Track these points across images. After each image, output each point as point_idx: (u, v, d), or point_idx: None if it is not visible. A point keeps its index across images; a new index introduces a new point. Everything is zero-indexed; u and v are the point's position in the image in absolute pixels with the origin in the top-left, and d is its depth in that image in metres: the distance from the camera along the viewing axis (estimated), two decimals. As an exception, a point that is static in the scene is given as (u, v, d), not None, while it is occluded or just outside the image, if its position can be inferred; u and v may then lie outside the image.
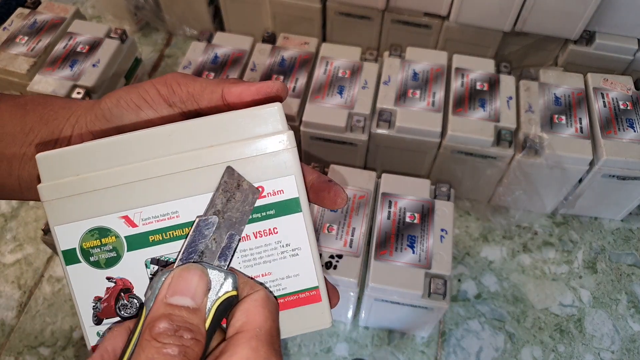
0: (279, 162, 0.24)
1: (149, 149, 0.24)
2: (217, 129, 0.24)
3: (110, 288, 0.25)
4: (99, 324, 0.25)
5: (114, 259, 0.24)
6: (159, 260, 0.25)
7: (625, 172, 0.66)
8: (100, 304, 0.25)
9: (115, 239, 0.24)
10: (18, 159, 0.27)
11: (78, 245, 0.24)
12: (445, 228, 0.59)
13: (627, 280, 0.73)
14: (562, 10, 0.75)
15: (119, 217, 0.24)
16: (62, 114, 0.27)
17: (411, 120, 0.67)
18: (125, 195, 0.24)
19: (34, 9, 0.82)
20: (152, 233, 0.24)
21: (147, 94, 0.27)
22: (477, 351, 0.67)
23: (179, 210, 0.24)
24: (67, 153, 0.24)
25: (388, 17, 0.84)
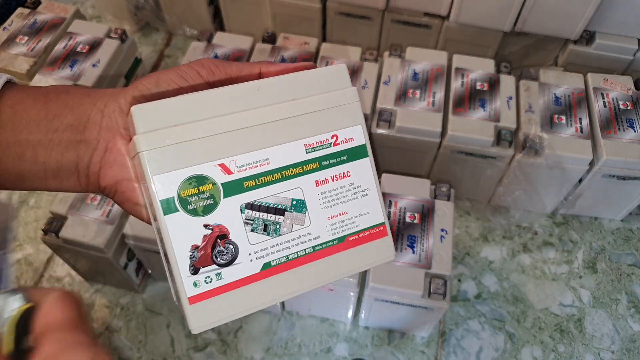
0: (349, 113, 0.28)
1: (240, 101, 0.26)
2: (297, 84, 0.27)
3: (207, 235, 0.25)
4: (195, 273, 0.25)
5: (211, 205, 0.25)
6: (253, 204, 0.26)
7: (625, 172, 0.66)
8: (197, 252, 0.25)
9: (212, 186, 0.25)
10: (44, 146, 0.26)
11: (176, 194, 0.24)
12: (445, 228, 0.59)
13: (627, 280, 0.73)
14: (562, 10, 0.75)
15: (216, 165, 0.25)
16: (86, 100, 0.27)
17: (411, 120, 0.67)
18: (220, 144, 0.25)
19: (34, 9, 0.82)
20: (247, 179, 0.26)
21: (187, 74, 0.28)
22: (477, 351, 0.67)
23: (269, 157, 0.26)
24: (163, 105, 0.25)
25: (388, 17, 0.84)
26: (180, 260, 0.24)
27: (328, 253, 0.27)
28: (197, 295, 0.25)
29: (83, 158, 0.27)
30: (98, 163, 0.27)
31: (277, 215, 0.26)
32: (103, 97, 0.27)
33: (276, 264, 0.26)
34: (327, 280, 0.27)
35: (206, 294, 0.25)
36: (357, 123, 0.28)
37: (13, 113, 0.26)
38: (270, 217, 0.26)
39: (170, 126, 0.25)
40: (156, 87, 0.27)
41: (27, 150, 0.26)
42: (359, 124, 0.28)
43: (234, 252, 0.25)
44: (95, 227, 0.60)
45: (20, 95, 0.27)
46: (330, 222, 0.28)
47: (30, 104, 0.27)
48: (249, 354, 0.67)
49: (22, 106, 0.26)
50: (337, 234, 0.28)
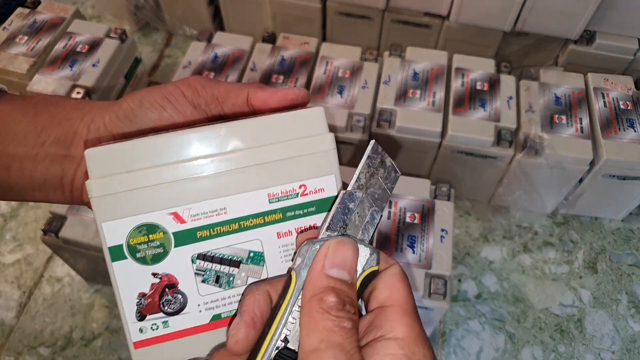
0: (322, 161, 0.26)
1: (200, 147, 0.24)
2: (265, 129, 0.25)
3: (155, 284, 0.25)
4: (141, 320, 0.25)
5: (161, 254, 0.25)
6: (206, 255, 0.25)
7: (625, 172, 0.66)
8: (144, 300, 0.25)
9: (163, 235, 0.24)
10: (30, 159, 0.27)
11: (125, 242, 0.24)
12: (445, 228, 0.58)
13: (627, 280, 0.73)
14: (563, 10, 0.75)
15: (168, 214, 0.24)
16: (75, 114, 0.27)
17: (411, 120, 0.67)
18: (174, 192, 0.24)
19: (33, 8, 0.82)
20: (200, 229, 0.25)
21: (172, 95, 0.27)
22: (477, 351, 0.67)
23: (227, 207, 0.25)
24: (116, 149, 0.24)
25: (388, 16, 0.84)
26: (127, 307, 0.25)
27: None
28: (143, 341, 0.25)
29: (67, 173, 0.27)
30: (82, 179, 0.27)
31: (232, 267, 0.25)
32: (91, 111, 0.27)
33: (226, 316, 0.26)
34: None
35: (152, 340, 0.25)
36: (330, 172, 0.26)
37: (2, 125, 0.26)
38: (224, 269, 0.25)
39: (123, 172, 0.24)
40: (139, 107, 0.27)
41: (13, 162, 0.26)
42: (332, 173, 0.26)
43: (182, 301, 0.25)
44: (95, 227, 0.60)
45: (10, 107, 0.27)
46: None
47: (19, 116, 0.27)
48: (248, 354, 0.66)
49: (11, 118, 0.27)
50: None
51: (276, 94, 0.27)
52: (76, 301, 0.71)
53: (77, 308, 0.70)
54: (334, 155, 0.26)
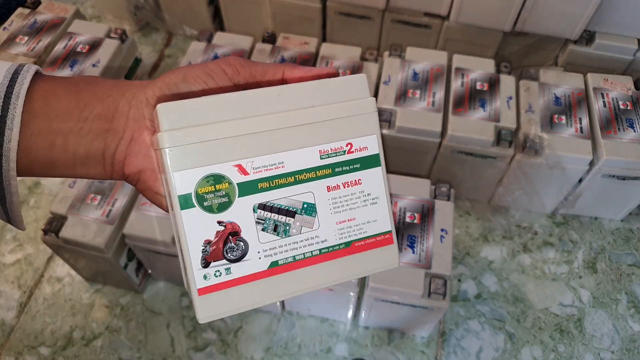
0: (365, 122, 0.29)
1: (261, 105, 0.27)
2: (317, 92, 0.28)
3: (220, 231, 0.26)
4: (206, 266, 0.26)
5: (226, 204, 0.26)
6: (265, 205, 0.27)
7: (625, 172, 0.66)
8: (209, 247, 0.26)
9: (228, 185, 0.26)
10: (74, 134, 0.27)
11: (194, 191, 0.26)
12: (445, 228, 0.59)
13: (627, 280, 0.73)
14: (562, 11, 0.75)
15: (233, 165, 0.26)
16: (115, 91, 0.28)
17: (411, 120, 0.67)
18: (239, 145, 0.26)
19: (34, 9, 0.82)
20: (261, 181, 0.27)
21: (214, 72, 0.29)
22: (477, 351, 0.67)
23: (284, 161, 0.27)
24: (186, 104, 0.26)
25: (388, 17, 0.84)
26: (193, 254, 0.26)
27: (333, 256, 0.29)
28: (206, 288, 0.26)
29: (110, 146, 0.28)
30: (124, 152, 0.28)
31: (288, 217, 0.27)
32: (131, 88, 0.29)
33: (283, 263, 0.27)
34: (330, 283, 0.28)
35: (215, 287, 0.26)
36: (372, 133, 0.29)
37: (45, 102, 0.27)
38: (281, 219, 0.27)
39: (193, 126, 0.26)
40: (183, 81, 0.28)
41: (58, 138, 0.27)
42: (374, 133, 0.29)
43: (244, 249, 0.27)
44: (95, 227, 0.60)
45: (52, 85, 0.28)
46: (338, 227, 0.29)
47: (62, 93, 0.28)
48: (248, 354, 0.67)
49: (54, 96, 0.28)
50: (343, 238, 0.29)
51: (310, 72, 0.30)
52: (76, 301, 0.71)
53: (77, 308, 0.70)
54: (375, 117, 0.29)
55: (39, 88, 0.27)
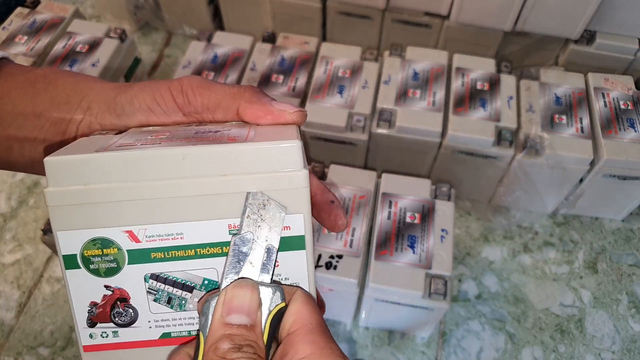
0: (291, 199, 0.24)
1: (161, 169, 0.24)
2: (233, 158, 0.24)
3: (107, 295, 0.25)
4: (92, 326, 0.25)
5: (114, 269, 0.25)
6: (159, 276, 0.25)
7: (626, 172, 0.66)
8: (95, 309, 0.25)
9: (117, 251, 0.24)
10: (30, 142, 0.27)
11: (79, 252, 0.24)
12: (445, 228, 0.58)
13: (627, 280, 0.73)
14: (563, 10, 0.75)
15: (123, 231, 0.24)
16: (73, 96, 0.27)
17: (411, 120, 0.67)
18: (131, 211, 0.24)
19: (33, 8, 0.82)
20: (155, 250, 0.24)
21: (162, 99, 0.27)
22: (477, 351, 0.67)
23: (184, 232, 0.24)
24: (77, 161, 0.24)
25: (388, 16, 0.84)
26: (78, 313, 0.25)
27: None
28: (92, 346, 0.25)
29: None
30: None
31: (185, 291, 0.25)
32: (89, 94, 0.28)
33: (177, 336, 0.26)
34: None
35: (101, 347, 0.25)
36: (298, 211, 0.25)
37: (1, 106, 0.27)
38: (176, 292, 0.25)
39: (81, 185, 0.23)
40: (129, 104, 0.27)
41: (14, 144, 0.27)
42: (300, 212, 0.25)
43: (133, 315, 0.25)
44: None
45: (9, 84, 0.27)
46: None
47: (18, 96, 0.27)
48: (248, 354, 0.66)
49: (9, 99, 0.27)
50: None
51: (268, 114, 0.26)
52: (76, 301, 0.71)
53: (77, 308, 0.70)
54: (306, 194, 0.25)
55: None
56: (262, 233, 0.24)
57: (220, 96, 0.27)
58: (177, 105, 0.27)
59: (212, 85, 0.27)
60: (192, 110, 0.27)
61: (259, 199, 0.24)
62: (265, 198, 0.24)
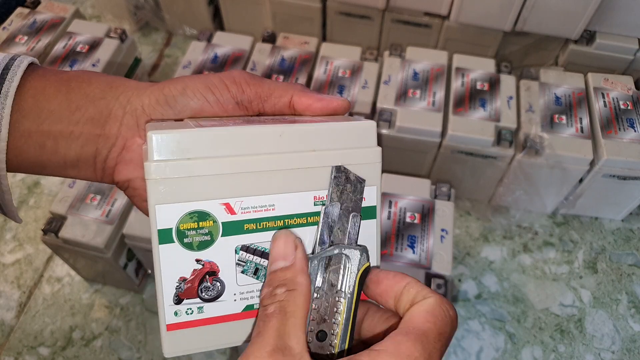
0: (366, 172, 0.27)
1: (259, 144, 0.25)
2: (321, 136, 0.26)
3: (197, 270, 0.25)
4: (178, 303, 0.25)
5: (207, 242, 0.25)
6: (249, 247, 0.26)
7: (625, 172, 0.66)
8: (184, 285, 0.25)
9: (212, 224, 0.25)
10: (65, 138, 0.26)
11: (175, 226, 0.25)
12: (445, 228, 0.58)
13: (627, 280, 0.73)
14: (563, 10, 0.75)
15: (221, 204, 0.25)
16: (109, 93, 0.27)
17: (411, 120, 0.67)
18: (229, 183, 0.25)
19: (33, 8, 0.82)
20: (248, 222, 0.26)
21: (216, 88, 0.27)
22: (477, 351, 0.67)
23: (275, 204, 0.26)
24: (180, 135, 0.24)
25: (388, 16, 0.84)
26: (166, 289, 0.25)
27: None
28: (176, 324, 0.25)
29: (101, 152, 0.27)
30: (115, 159, 0.27)
31: None
32: (126, 91, 0.27)
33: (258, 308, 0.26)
34: None
35: (185, 324, 0.26)
36: (372, 184, 0.27)
37: (35, 102, 0.26)
38: (264, 262, 0.26)
39: (183, 159, 0.24)
40: (182, 94, 0.27)
41: (48, 140, 0.26)
42: (374, 185, 0.28)
43: (220, 289, 0.26)
44: (94, 227, 0.60)
45: (43, 83, 0.27)
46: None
47: (52, 93, 0.26)
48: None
49: (44, 96, 0.26)
50: None
51: (320, 101, 0.28)
52: (76, 301, 0.71)
53: (77, 308, 0.70)
54: (379, 169, 0.27)
55: (30, 86, 0.26)
56: (347, 202, 0.26)
57: (273, 87, 0.28)
58: (230, 94, 0.27)
59: (262, 79, 0.29)
60: (245, 99, 0.28)
61: (344, 172, 0.26)
62: (348, 171, 0.26)
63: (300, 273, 0.24)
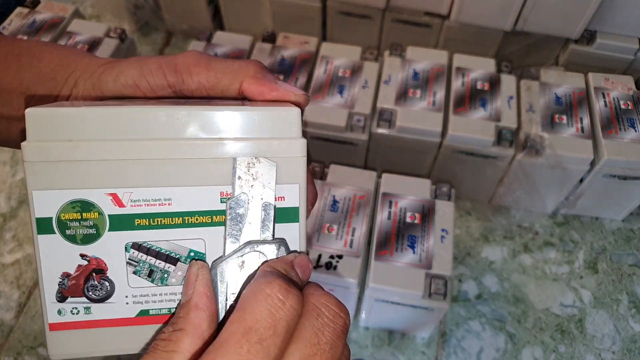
0: (287, 168, 0.23)
1: (154, 127, 0.22)
2: (230, 121, 0.23)
3: (82, 266, 0.23)
4: (62, 301, 0.23)
5: (93, 236, 0.23)
6: (141, 245, 0.23)
7: (626, 172, 0.66)
8: (67, 281, 0.23)
9: (97, 216, 0.22)
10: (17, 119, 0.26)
11: (55, 215, 0.22)
12: (445, 228, 0.58)
13: (628, 280, 0.73)
14: (563, 10, 0.75)
15: (107, 194, 0.22)
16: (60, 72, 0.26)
17: (412, 120, 0.67)
18: (118, 171, 0.22)
19: (33, 8, 0.81)
20: (139, 217, 0.23)
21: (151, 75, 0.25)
22: (477, 352, 0.67)
23: (172, 198, 0.23)
24: (61, 114, 0.21)
25: (388, 16, 0.83)
26: (47, 285, 0.23)
27: None
28: (60, 324, 0.23)
29: None
30: None
31: (168, 264, 0.23)
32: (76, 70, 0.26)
33: (155, 314, 0.24)
34: None
35: (70, 325, 0.23)
36: (294, 181, 0.24)
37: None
38: (159, 264, 0.23)
39: (64, 140, 0.21)
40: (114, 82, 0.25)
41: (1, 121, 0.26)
42: (296, 183, 0.24)
43: (109, 290, 0.23)
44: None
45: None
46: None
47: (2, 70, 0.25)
48: (248, 354, 0.66)
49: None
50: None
51: (273, 91, 0.25)
52: (76, 301, 0.70)
53: (77, 308, 0.70)
54: (302, 163, 0.24)
55: None
56: (256, 192, 0.23)
57: (220, 75, 0.25)
58: (168, 83, 0.25)
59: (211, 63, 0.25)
60: (185, 89, 0.25)
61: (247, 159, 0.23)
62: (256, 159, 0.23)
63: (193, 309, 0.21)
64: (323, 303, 0.21)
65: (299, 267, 0.23)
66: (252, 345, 0.18)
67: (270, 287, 0.20)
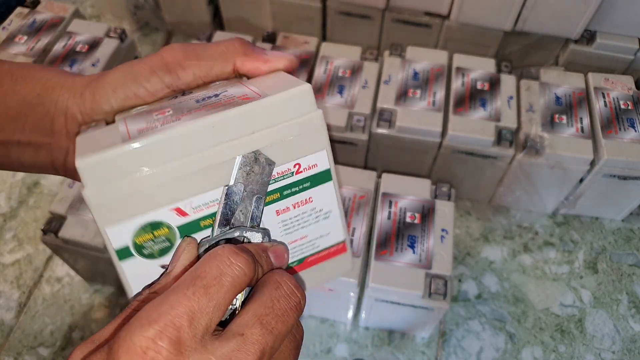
0: (313, 138, 0.26)
1: (195, 142, 0.24)
2: (257, 116, 0.25)
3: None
4: None
5: (168, 247, 0.25)
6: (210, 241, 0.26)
7: (626, 172, 0.66)
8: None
9: (168, 231, 0.25)
10: (14, 145, 0.25)
11: (131, 242, 0.24)
12: (445, 228, 0.58)
13: (628, 280, 0.73)
14: (563, 10, 0.75)
15: (171, 210, 0.24)
16: (46, 98, 0.26)
17: (412, 120, 0.67)
18: (174, 188, 0.24)
19: (33, 8, 0.81)
20: (203, 219, 0.25)
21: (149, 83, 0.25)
22: (477, 351, 0.67)
23: None
24: (109, 157, 0.23)
25: (388, 16, 0.84)
26: None
27: None
28: None
29: (57, 158, 0.26)
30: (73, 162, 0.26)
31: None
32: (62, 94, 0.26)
33: None
34: None
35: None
36: (321, 148, 0.27)
37: None
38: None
39: (119, 178, 0.23)
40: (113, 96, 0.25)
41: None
42: (323, 149, 0.27)
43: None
44: (94, 227, 0.60)
45: None
46: (290, 246, 0.28)
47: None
48: (248, 354, 0.66)
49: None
50: (296, 256, 0.28)
51: (266, 63, 0.26)
52: (76, 301, 0.70)
53: (77, 308, 0.70)
54: (324, 131, 0.26)
55: None
56: (252, 185, 0.25)
57: (212, 62, 0.26)
58: (165, 84, 0.26)
59: (199, 52, 0.26)
60: (182, 84, 0.26)
61: (252, 154, 0.25)
62: (257, 153, 0.25)
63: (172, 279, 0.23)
64: (284, 280, 0.22)
65: (274, 253, 0.24)
66: (197, 289, 0.20)
67: (222, 249, 0.22)
